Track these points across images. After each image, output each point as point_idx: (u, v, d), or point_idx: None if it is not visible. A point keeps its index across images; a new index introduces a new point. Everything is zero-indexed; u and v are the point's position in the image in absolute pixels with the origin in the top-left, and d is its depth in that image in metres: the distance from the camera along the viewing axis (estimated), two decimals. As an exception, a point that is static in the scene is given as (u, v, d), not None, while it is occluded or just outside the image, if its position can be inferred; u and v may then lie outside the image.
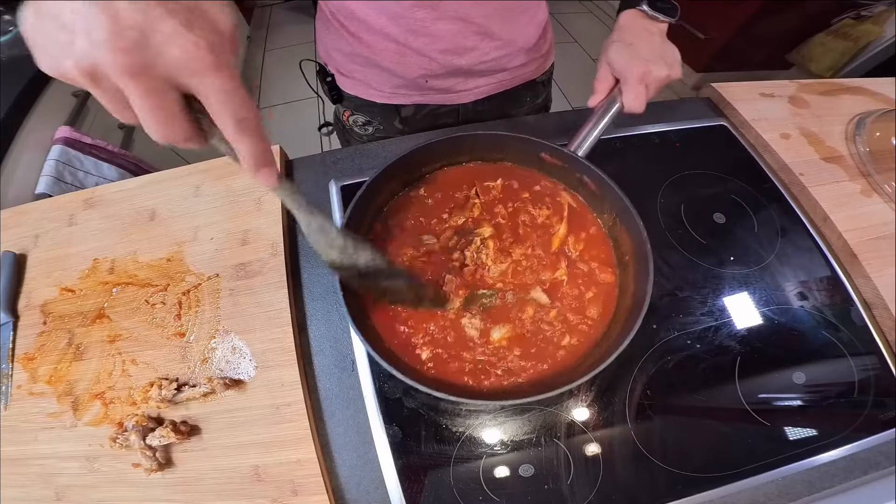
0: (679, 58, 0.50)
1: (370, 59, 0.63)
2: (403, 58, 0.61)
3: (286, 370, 0.47)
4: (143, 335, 0.49)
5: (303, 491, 0.42)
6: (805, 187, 0.61)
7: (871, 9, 1.65)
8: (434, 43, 0.59)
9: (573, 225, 0.52)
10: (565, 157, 0.51)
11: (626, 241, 0.48)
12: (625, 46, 0.49)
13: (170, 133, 0.24)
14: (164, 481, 0.43)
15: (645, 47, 0.49)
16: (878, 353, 0.51)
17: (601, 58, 0.51)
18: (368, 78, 0.67)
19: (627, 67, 0.48)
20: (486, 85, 0.69)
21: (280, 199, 0.34)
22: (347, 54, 0.66)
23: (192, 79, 0.22)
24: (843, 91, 0.74)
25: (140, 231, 0.56)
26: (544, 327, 0.46)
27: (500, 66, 0.66)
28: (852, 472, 0.45)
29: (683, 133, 0.67)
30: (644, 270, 0.43)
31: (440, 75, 0.64)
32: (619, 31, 0.51)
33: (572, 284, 0.49)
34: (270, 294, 0.50)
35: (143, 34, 0.21)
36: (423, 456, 0.45)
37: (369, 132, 0.77)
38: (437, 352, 0.45)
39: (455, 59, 0.62)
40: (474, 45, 0.61)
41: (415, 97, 0.69)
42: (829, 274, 0.56)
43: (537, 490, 0.43)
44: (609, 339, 0.45)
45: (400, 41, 0.59)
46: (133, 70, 0.21)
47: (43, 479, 0.44)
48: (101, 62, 0.21)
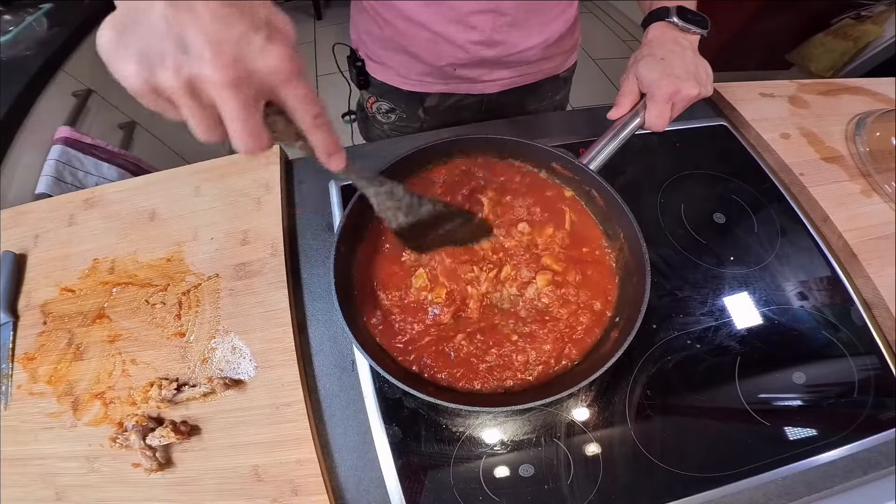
0: (711, 74, 0.48)
1: (401, 45, 0.64)
2: (435, 45, 0.62)
3: (286, 370, 0.47)
4: (143, 335, 0.49)
5: (303, 491, 0.42)
6: (805, 187, 0.61)
7: (871, 9, 1.65)
8: (466, 33, 0.60)
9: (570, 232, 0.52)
10: (577, 169, 0.51)
11: (629, 258, 0.48)
12: (657, 62, 0.47)
13: (258, 143, 0.25)
14: (165, 481, 0.43)
15: (678, 63, 0.47)
16: (877, 353, 0.51)
17: (629, 71, 0.49)
18: (397, 64, 0.68)
19: (657, 85, 0.46)
20: (510, 77, 0.70)
21: (348, 178, 0.37)
22: (378, 39, 0.67)
23: (280, 89, 0.24)
24: (843, 91, 0.74)
25: (140, 231, 0.56)
26: (540, 335, 0.46)
27: (526, 59, 0.67)
28: (852, 473, 0.45)
29: (683, 133, 0.67)
30: (641, 287, 0.43)
31: (468, 65, 0.65)
32: (649, 45, 0.49)
33: (570, 295, 0.48)
34: (270, 294, 0.50)
35: (238, 49, 0.22)
36: (423, 456, 0.44)
37: (391, 120, 0.78)
38: (435, 359, 0.44)
39: (484, 49, 0.63)
40: (504, 37, 0.62)
41: (440, 85, 0.70)
42: (829, 274, 0.56)
43: (537, 490, 0.43)
44: (602, 347, 0.45)
45: (433, 29, 0.60)
46: (233, 83, 0.22)
47: (43, 479, 0.44)
48: (203, 75, 0.22)
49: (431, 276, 0.48)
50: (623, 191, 0.48)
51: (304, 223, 0.58)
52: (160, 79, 0.22)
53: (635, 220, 0.46)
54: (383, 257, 0.50)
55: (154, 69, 0.22)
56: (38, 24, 0.91)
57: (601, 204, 0.51)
